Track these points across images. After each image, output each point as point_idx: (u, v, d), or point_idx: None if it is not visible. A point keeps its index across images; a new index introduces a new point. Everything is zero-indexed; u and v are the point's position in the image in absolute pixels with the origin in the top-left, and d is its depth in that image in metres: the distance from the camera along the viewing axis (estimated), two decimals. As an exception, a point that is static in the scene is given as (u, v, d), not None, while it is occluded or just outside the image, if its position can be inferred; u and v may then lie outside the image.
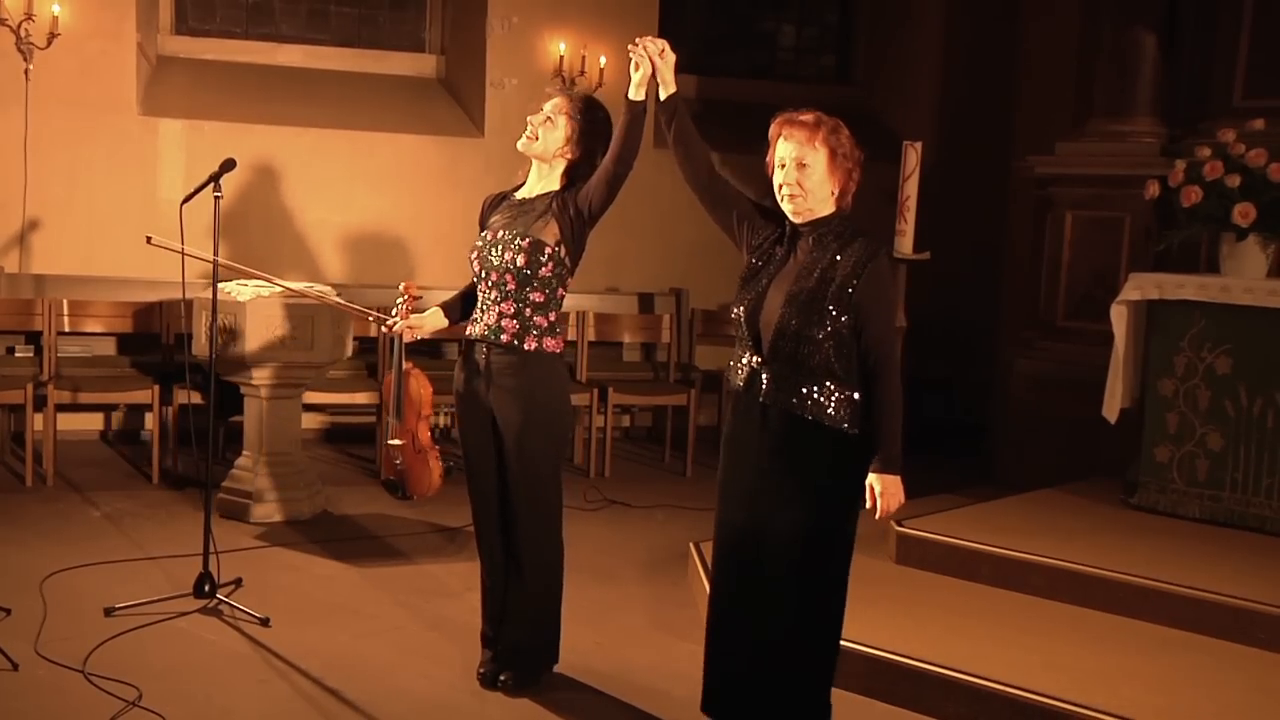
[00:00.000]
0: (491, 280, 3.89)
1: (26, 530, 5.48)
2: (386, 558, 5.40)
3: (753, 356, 3.32)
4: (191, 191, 4.61)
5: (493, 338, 3.88)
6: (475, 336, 3.95)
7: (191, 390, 5.77)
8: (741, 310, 3.33)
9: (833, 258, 3.22)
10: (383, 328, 4.29)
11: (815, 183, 3.25)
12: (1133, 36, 6.55)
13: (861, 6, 9.52)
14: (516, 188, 4.02)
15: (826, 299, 3.19)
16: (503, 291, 3.87)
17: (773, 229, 3.38)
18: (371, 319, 4.49)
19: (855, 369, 3.23)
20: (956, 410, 8.06)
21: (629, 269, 8.10)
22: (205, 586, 4.57)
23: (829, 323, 3.18)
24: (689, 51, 9.40)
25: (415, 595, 4.92)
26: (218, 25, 8.05)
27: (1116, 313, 5.63)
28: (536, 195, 3.92)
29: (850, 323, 3.19)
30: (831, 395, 3.22)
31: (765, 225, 3.40)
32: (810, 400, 3.22)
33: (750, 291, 3.33)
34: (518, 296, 3.86)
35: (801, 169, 3.24)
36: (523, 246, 3.82)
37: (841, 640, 3.46)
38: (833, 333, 3.19)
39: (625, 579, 5.29)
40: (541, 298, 3.87)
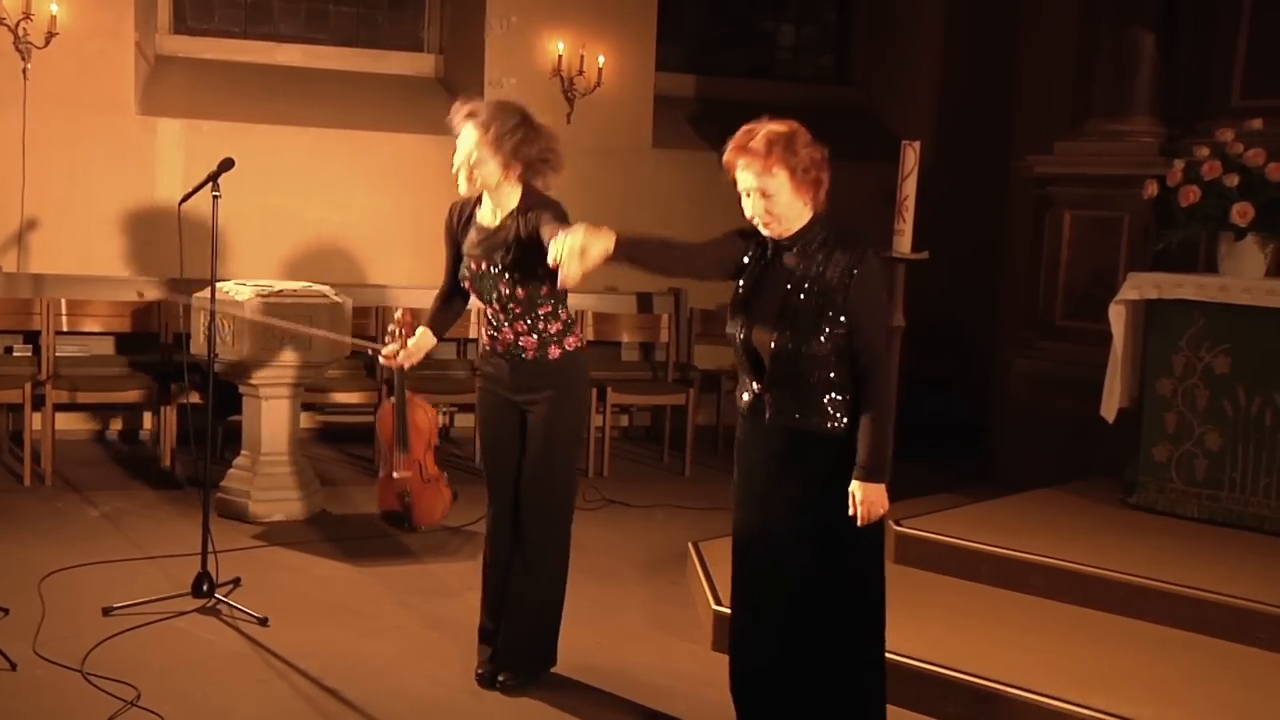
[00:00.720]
0: (495, 307, 3.92)
1: (25, 530, 5.47)
2: (386, 557, 5.40)
3: (753, 382, 3.33)
4: (190, 191, 4.62)
5: (517, 355, 3.92)
6: (498, 351, 3.96)
7: (190, 390, 5.76)
8: (738, 336, 3.32)
9: (819, 269, 3.20)
10: (380, 359, 4.31)
11: (784, 205, 3.21)
12: (1131, 36, 6.54)
13: (860, 6, 9.51)
14: (479, 199, 3.95)
15: (817, 313, 3.17)
16: (511, 315, 3.90)
17: (755, 248, 3.34)
18: (370, 351, 4.49)
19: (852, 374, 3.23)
20: (955, 410, 8.05)
21: (627, 269, 8.06)
22: (204, 586, 4.57)
23: (823, 336, 3.17)
24: (688, 51, 9.52)
25: (415, 595, 4.91)
26: (216, 25, 8.06)
27: (1115, 312, 5.62)
28: (501, 220, 3.88)
29: (844, 332, 3.18)
30: (833, 407, 3.21)
31: (747, 246, 3.36)
32: (814, 417, 3.22)
33: (743, 316, 3.32)
34: (526, 317, 3.89)
35: (767, 198, 3.20)
36: (515, 279, 3.83)
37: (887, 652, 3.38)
38: (828, 344, 3.17)
39: (624, 579, 5.28)
40: (549, 308, 3.90)
